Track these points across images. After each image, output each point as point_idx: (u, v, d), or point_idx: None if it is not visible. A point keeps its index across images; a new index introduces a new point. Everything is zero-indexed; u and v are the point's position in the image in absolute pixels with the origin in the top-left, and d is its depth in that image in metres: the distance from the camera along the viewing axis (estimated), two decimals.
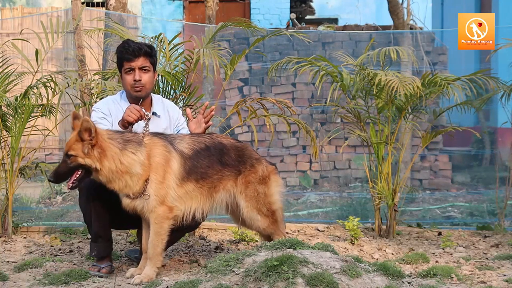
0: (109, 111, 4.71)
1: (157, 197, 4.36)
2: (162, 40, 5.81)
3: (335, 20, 18.67)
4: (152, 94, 4.86)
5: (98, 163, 4.25)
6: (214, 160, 4.55)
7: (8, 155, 5.89)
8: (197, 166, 4.48)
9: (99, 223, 4.59)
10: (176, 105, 5.28)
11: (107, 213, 4.59)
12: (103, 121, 4.66)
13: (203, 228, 6.19)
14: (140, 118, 4.51)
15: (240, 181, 4.62)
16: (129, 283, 4.30)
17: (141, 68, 4.67)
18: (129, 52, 4.66)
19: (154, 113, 4.78)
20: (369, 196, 6.28)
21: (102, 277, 4.50)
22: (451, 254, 5.44)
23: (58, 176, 4.33)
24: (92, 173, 4.30)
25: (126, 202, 4.42)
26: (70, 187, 4.30)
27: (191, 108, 5.82)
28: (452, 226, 7.43)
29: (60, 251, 5.39)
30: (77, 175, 4.29)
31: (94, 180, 4.46)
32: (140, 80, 4.65)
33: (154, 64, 4.78)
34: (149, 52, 4.72)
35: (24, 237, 5.88)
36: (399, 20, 10.49)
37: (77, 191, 4.79)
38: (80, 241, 5.70)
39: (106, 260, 4.67)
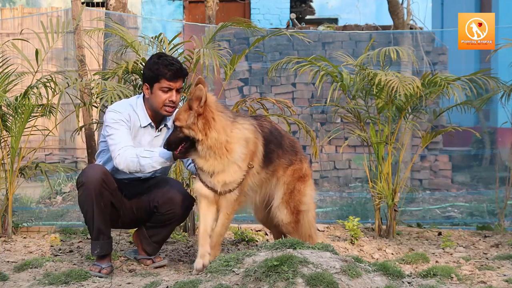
0: (129, 116, 4.66)
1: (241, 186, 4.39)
2: (162, 40, 5.81)
3: (335, 20, 18.68)
4: None
5: (200, 134, 4.22)
6: (277, 144, 4.56)
7: (8, 155, 5.89)
8: (267, 152, 4.48)
9: (101, 219, 4.56)
10: None
11: (107, 209, 4.59)
12: (124, 125, 4.61)
13: None
14: None
15: (289, 171, 4.61)
16: (129, 283, 4.29)
17: (177, 90, 4.64)
18: (172, 71, 4.58)
19: (165, 126, 4.78)
20: (369, 196, 6.28)
21: (102, 277, 4.50)
22: (451, 254, 5.44)
23: (169, 145, 4.34)
24: (196, 144, 4.27)
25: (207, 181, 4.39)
26: (177, 155, 4.36)
27: None
28: (452, 226, 7.44)
29: (60, 251, 5.39)
30: (184, 145, 4.30)
31: (93, 176, 4.47)
32: (175, 102, 4.62)
33: None
34: (186, 74, 4.72)
35: (24, 237, 5.88)
36: (399, 20, 10.49)
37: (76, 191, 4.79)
38: (80, 241, 5.70)
39: (106, 259, 4.67)
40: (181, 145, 4.31)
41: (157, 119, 4.72)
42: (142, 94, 4.77)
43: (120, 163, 4.50)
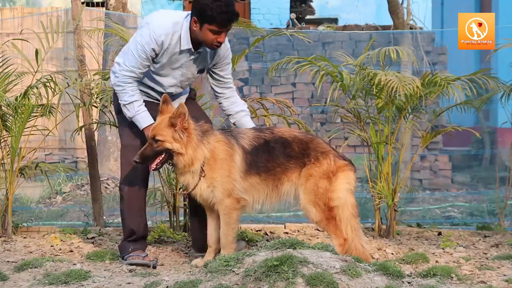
0: (166, 43, 4.66)
1: (224, 190, 4.63)
2: None
3: (335, 20, 18.67)
4: None
5: (184, 149, 4.52)
6: (275, 153, 4.71)
7: (8, 155, 5.89)
8: (257, 161, 4.68)
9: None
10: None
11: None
12: (147, 55, 4.64)
13: None
14: None
15: (303, 173, 4.72)
16: (129, 283, 4.29)
17: (226, 31, 4.67)
18: (227, 19, 4.58)
19: (205, 49, 4.79)
20: (369, 196, 6.27)
21: (149, 265, 4.80)
22: (451, 254, 5.43)
23: (144, 159, 4.59)
24: (174, 158, 4.57)
25: (195, 193, 4.70)
26: (154, 168, 4.62)
27: None
28: (452, 226, 7.43)
29: (60, 251, 5.38)
30: (161, 158, 4.58)
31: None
32: (222, 42, 4.68)
33: None
34: (237, 18, 4.72)
35: (24, 237, 5.88)
36: (399, 20, 10.49)
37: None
38: (80, 241, 5.70)
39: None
40: (157, 158, 4.58)
41: (196, 43, 4.72)
42: (190, 15, 4.70)
43: (115, 84, 4.74)
